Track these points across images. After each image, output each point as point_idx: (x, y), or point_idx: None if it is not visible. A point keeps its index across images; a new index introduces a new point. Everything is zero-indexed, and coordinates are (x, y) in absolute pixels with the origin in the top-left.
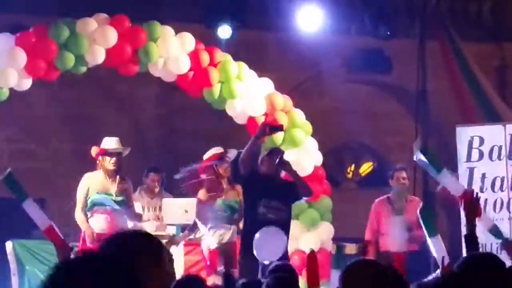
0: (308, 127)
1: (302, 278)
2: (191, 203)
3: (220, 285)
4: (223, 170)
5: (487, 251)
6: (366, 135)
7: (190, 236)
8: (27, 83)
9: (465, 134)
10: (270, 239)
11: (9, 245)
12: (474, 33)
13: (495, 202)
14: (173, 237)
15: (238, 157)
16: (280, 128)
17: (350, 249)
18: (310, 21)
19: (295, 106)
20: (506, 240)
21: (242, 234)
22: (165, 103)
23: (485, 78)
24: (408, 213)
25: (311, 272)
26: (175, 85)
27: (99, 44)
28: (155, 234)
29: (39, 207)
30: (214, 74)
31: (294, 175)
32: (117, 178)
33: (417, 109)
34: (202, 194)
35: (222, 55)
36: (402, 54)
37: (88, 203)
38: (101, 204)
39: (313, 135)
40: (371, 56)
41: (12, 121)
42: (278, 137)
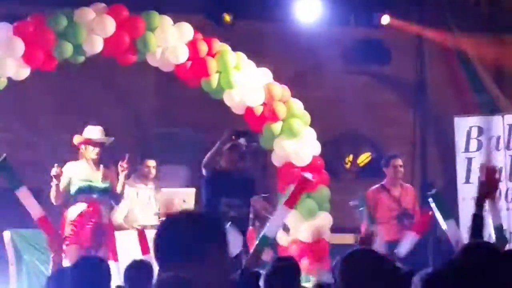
0: (306, 117)
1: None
2: (190, 193)
3: None
4: None
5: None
6: (364, 126)
7: None
8: (25, 73)
9: (463, 124)
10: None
11: (6, 235)
12: (473, 23)
13: None
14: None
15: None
16: (246, 133)
17: (348, 239)
18: (309, 11)
19: (293, 96)
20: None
21: None
22: (163, 93)
23: (483, 68)
24: (404, 200)
25: (294, 193)
26: (173, 75)
27: (97, 33)
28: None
29: (33, 197)
30: (212, 64)
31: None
32: (100, 166)
33: (415, 99)
34: None
35: (220, 45)
36: (400, 45)
37: (72, 191)
38: (84, 191)
39: (311, 125)
40: (369, 46)
41: (10, 111)
42: (277, 127)
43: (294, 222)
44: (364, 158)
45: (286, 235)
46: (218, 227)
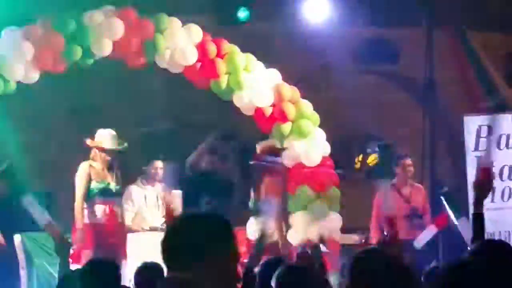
0: (315, 118)
1: None
2: None
3: None
4: None
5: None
6: (373, 126)
7: None
8: (35, 76)
9: (473, 123)
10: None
11: (17, 238)
12: (482, 22)
13: (503, 190)
14: None
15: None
16: (231, 135)
17: (358, 239)
18: (317, 12)
19: (303, 97)
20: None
21: None
22: (172, 95)
23: (493, 67)
24: (414, 200)
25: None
26: (182, 76)
27: (106, 36)
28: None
29: (45, 198)
30: (221, 65)
31: None
32: (114, 168)
33: (424, 99)
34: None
35: (229, 46)
36: (409, 44)
37: (89, 192)
38: (101, 193)
39: (320, 126)
40: (378, 46)
41: (19, 113)
42: (286, 128)
43: (305, 223)
44: (373, 158)
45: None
46: (223, 227)
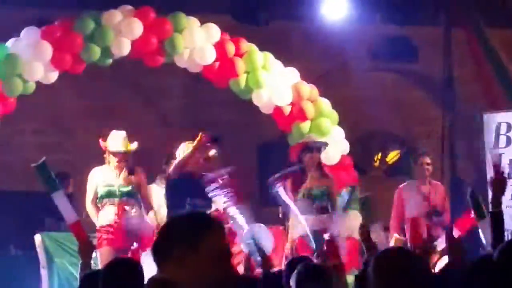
0: (334, 116)
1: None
2: None
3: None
4: (308, 159)
5: None
6: (392, 124)
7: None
8: (53, 76)
9: (492, 120)
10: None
11: (38, 238)
12: (500, 19)
13: None
14: None
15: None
16: (217, 138)
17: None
18: (335, 10)
19: (321, 95)
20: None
21: None
22: (191, 94)
23: (511, 64)
24: (433, 198)
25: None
26: (201, 76)
27: (125, 36)
28: None
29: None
30: (240, 65)
31: None
32: (123, 170)
33: (443, 97)
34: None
35: (247, 45)
36: (427, 42)
37: (98, 197)
38: (108, 196)
39: (339, 124)
40: (397, 44)
41: (39, 114)
42: (305, 127)
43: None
44: (393, 156)
45: None
46: (193, 226)
